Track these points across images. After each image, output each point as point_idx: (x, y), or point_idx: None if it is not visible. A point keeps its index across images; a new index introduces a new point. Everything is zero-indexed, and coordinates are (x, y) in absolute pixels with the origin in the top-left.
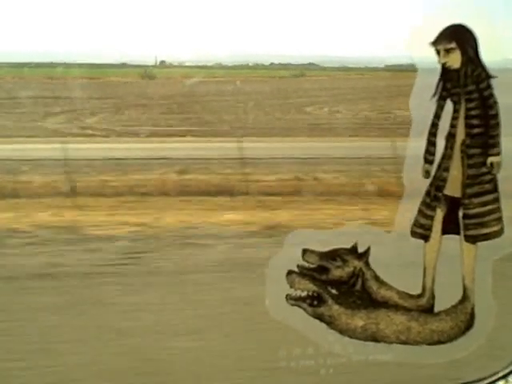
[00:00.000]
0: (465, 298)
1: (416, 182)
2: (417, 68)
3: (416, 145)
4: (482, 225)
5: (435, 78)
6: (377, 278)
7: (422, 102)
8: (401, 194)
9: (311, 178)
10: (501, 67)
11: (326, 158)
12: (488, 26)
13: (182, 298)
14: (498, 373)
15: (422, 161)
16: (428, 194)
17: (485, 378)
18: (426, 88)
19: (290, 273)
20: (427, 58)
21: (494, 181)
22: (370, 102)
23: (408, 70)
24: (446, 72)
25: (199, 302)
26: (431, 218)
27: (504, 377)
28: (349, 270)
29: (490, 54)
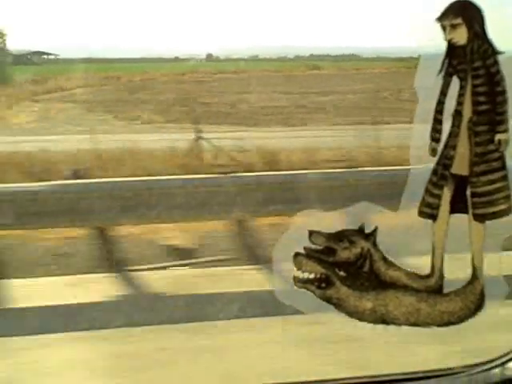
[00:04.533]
0: (474, 278)
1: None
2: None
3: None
4: (491, 203)
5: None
6: (385, 259)
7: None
8: None
9: None
10: None
11: None
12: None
13: None
14: (509, 353)
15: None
16: (435, 172)
17: (496, 359)
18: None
19: (297, 255)
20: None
21: (501, 158)
22: None
23: None
24: (452, 49)
25: None
26: (439, 196)
27: None
28: (356, 251)
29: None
